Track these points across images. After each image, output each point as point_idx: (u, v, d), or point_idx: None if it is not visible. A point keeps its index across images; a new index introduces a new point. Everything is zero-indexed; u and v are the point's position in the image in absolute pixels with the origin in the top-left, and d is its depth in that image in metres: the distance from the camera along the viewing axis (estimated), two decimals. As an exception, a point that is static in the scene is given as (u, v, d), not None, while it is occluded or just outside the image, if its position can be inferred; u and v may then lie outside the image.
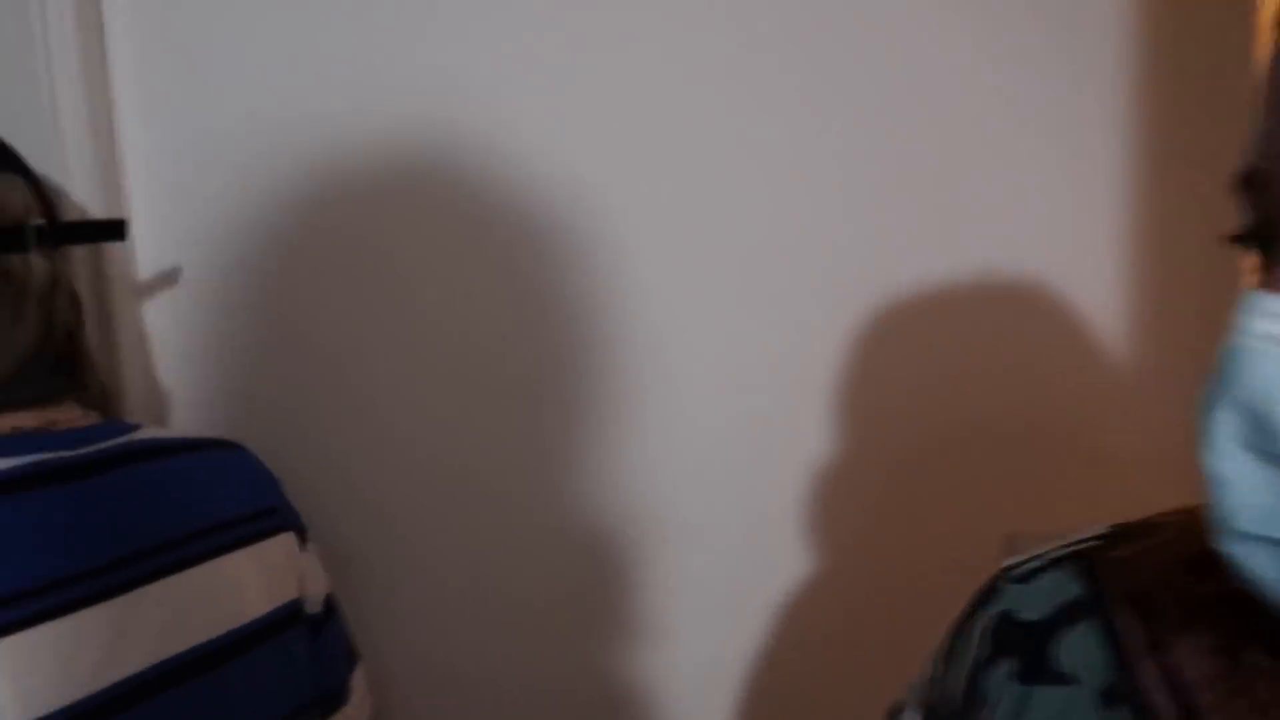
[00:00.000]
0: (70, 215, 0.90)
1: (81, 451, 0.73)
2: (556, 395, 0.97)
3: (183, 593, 0.74)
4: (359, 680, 0.91)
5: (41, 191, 0.79)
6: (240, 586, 0.78)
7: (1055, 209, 0.89)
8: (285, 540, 0.84)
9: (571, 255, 0.95)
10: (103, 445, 0.75)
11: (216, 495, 0.80)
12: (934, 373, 0.92)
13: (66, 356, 0.78)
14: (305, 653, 0.83)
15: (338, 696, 0.87)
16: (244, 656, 0.77)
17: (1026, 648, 0.43)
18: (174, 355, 1.03)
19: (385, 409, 1.00)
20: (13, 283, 0.74)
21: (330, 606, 0.88)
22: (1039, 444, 0.92)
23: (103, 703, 0.68)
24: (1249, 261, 0.35)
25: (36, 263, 0.76)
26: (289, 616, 0.82)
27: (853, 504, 0.95)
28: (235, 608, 0.77)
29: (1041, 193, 0.89)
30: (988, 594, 0.47)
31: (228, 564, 0.77)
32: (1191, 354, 0.87)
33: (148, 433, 0.79)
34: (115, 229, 0.85)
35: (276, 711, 0.80)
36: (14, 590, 0.66)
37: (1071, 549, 0.46)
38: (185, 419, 1.01)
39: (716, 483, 0.96)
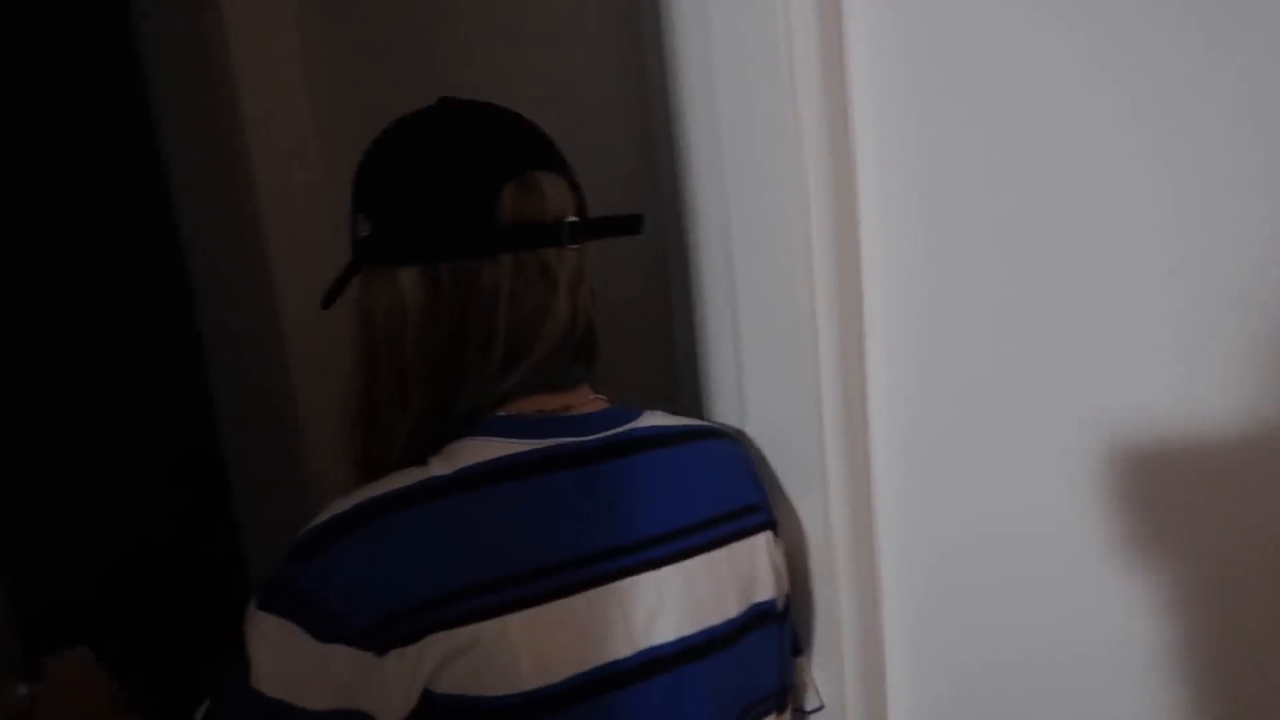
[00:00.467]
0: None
1: (594, 437, 0.78)
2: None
3: (681, 583, 0.77)
4: (806, 674, 0.92)
5: (577, 188, 0.83)
6: (727, 581, 0.80)
7: None
8: (765, 538, 0.84)
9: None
10: (612, 432, 0.79)
11: (711, 487, 0.82)
12: None
13: (585, 345, 0.82)
14: (774, 651, 0.85)
15: (788, 693, 0.89)
16: (723, 652, 0.79)
17: None
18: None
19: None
20: (548, 274, 0.79)
21: (786, 603, 0.88)
22: None
23: (602, 678, 0.73)
24: None
25: (568, 256, 0.80)
26: (764, 615, 0.83)
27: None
28: (722, 602, 0.79)
29: None
30: None
31: (719, 558, 0.80)
32: None
33: (649, 420, 0.83)
34: (632, 223, 0.85)
35: (758, 694, 0.83)
36: (532, 568, 0.71)
37: None
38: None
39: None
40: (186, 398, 1.70)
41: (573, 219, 0.81)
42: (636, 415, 0.84)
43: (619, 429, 0.81)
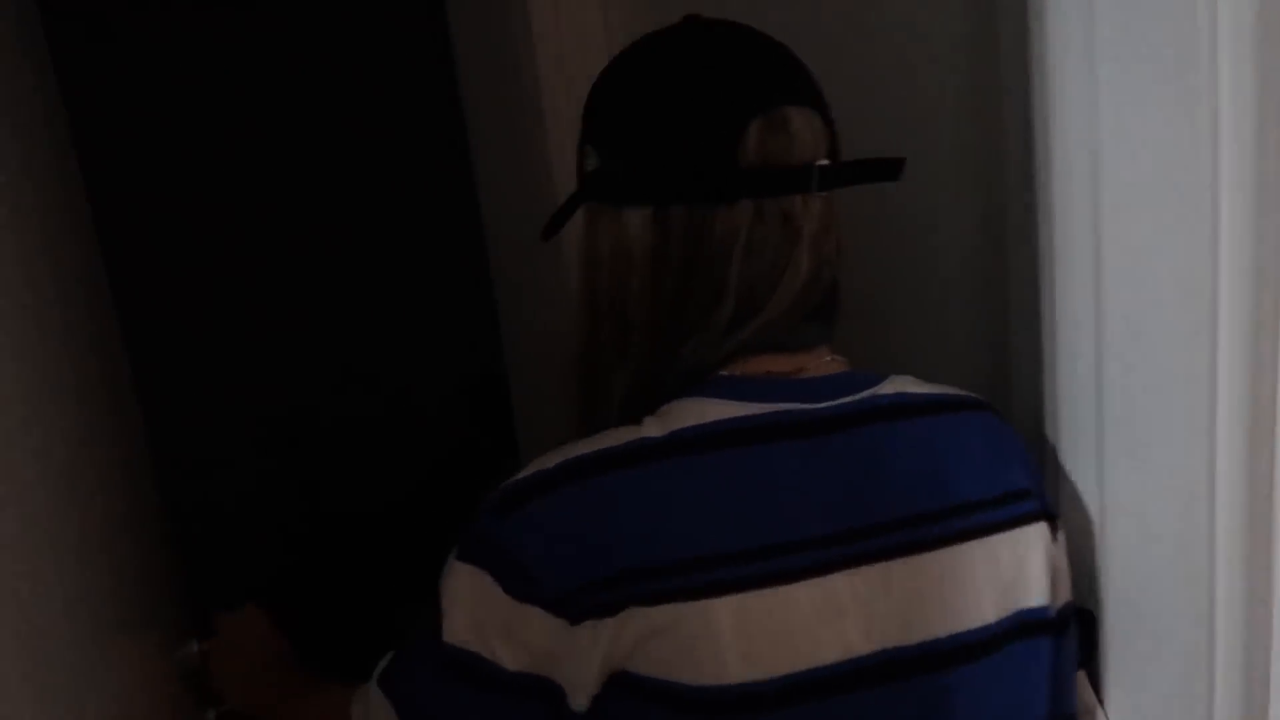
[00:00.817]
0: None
1: (827, 405, 0.71)
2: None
3: (917, 579, 0.69)
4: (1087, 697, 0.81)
5: (830, 125, 0.74)
6: (980, 580, 0.71)
7: None
8: (1037, 531, 0.74)
9: None
10: (849, 399, 0.72)
11: (964, 467, 0.73)
12: None
13: (826, 303, 0.74)
14: (1043, 668, 0.74)
15: None
16: (972, 664, 0.70)
17: None
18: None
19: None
20: (791, 224, 0.71)
21: (1066, 613, 0.77)
22: None
23: (821, 679, 0.66)
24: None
25: (815, 204, 0.72)
26: (1032, 623, 0.73)
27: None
28: (971, 604, 0.71)
29: None
30: None
31: (970, 552, 0.71)
32: None
33: (894, 385, 0.74)
34: (891, 168, 0.74)
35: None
36: (745, 548, 0.66)
37: None
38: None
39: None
40: (479, 338, 1.76)
41: (823, 162, 0.71)
42: (879, 380, 0.75)
43: (857, 395, 0.73)
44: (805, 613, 0.66)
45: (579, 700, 0.66)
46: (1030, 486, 0.75)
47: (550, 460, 0.69)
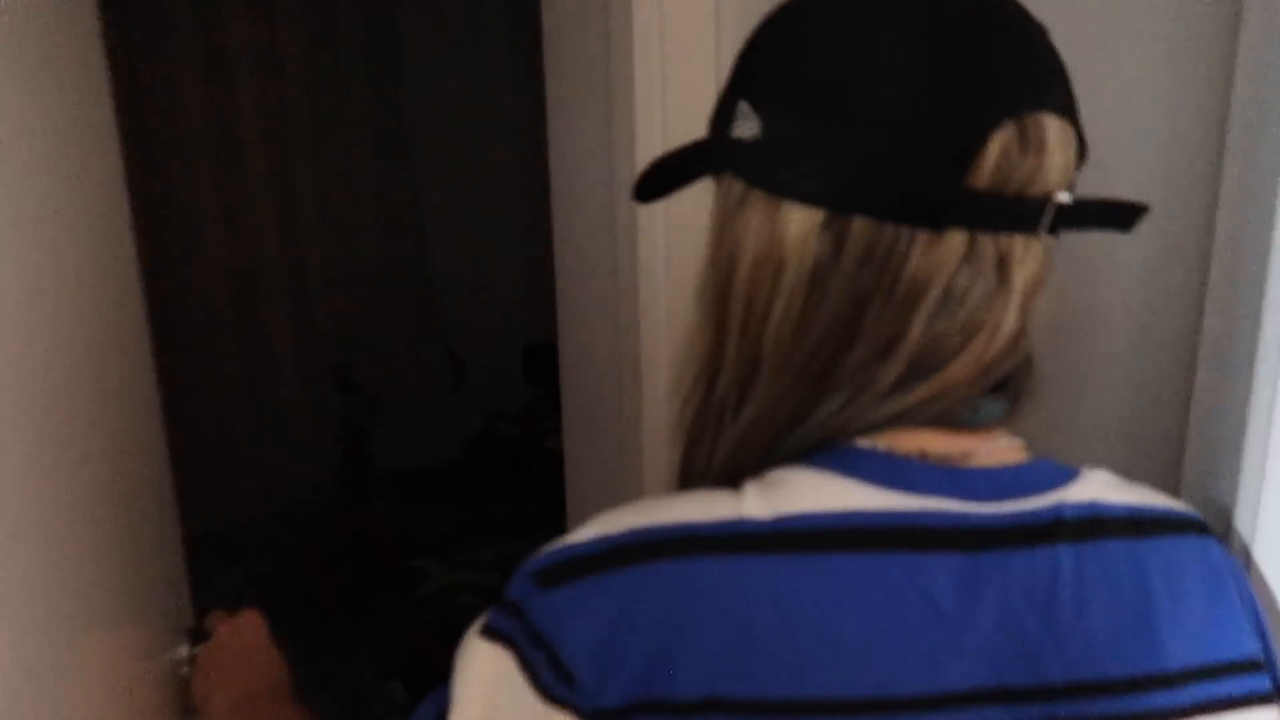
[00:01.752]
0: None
1: (999, 510, 0.52)
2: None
3: None
4: None
5: (1083, 145, 0.54)
6: None
7: None
8: (1267, 716, 0.55)
9: None
10: (1026, 505, 0.53)
11: (1180, 618, 0.54)
12: None
13: (1017, 376, 0.57)
14: None
15: None
16: None
17: None
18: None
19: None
20: (1005, 270, 0.52)
21: None
22: None
23: None
24: None
25: (1034, 249, 0.53)
26: None
27: None
28: None
29: None
30: None
31: None
32: None
33: (1087, 488, 0.55)
34: (1128, 214, 0.55)
35: None
36: (862, 696, 0.49)
37: None
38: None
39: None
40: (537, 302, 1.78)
41: (1064, 197, 0.52)
42: (1070, 476, 0.55)
43: (1038, 501, 0.53)
44: None
45: None
46: (1258, 655, 0.56)
47: (616, 524, 0.52)
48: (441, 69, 3.44)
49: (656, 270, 1.18)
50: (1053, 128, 0.51)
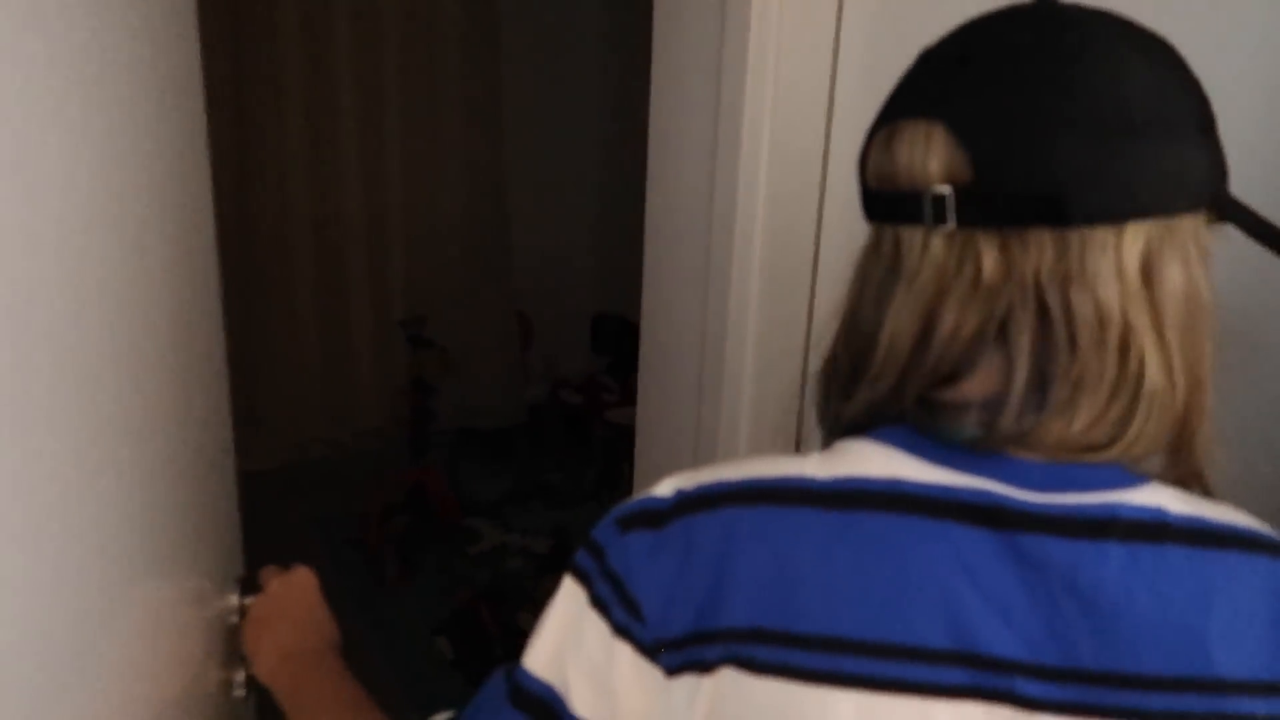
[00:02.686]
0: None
1: (1045, 500, 0.55)
2: None
3: None
4: None
5: (1222, 175, 0.57)
6: None
7: None
8: None
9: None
10: (1080, 499, 0.55)
11: (1236, 631, 0.53)
12: None
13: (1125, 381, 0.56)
14: None
15: None
16: None
17: None
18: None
19: None
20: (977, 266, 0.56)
21: None
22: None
23: None
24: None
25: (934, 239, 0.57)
26: None
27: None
28: None
29: None
30: None
31: None
32: None
33: (1158, 496, 0.56)
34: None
35: None
36: (888, 642, 0.53)
37: None
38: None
39: None
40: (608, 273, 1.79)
41: (941, 189, 0.56)
42: (1136, 483, 0.56)
43: (1093, 496, 0.55)
44: None
45: None
46: None
47: (692, 479, 0.60)
48: (537, 37, 3.44)
49: (752, 250, 1.16)
50: (917, 130, 0.57)
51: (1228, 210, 0.58)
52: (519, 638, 2.67)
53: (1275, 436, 0.95)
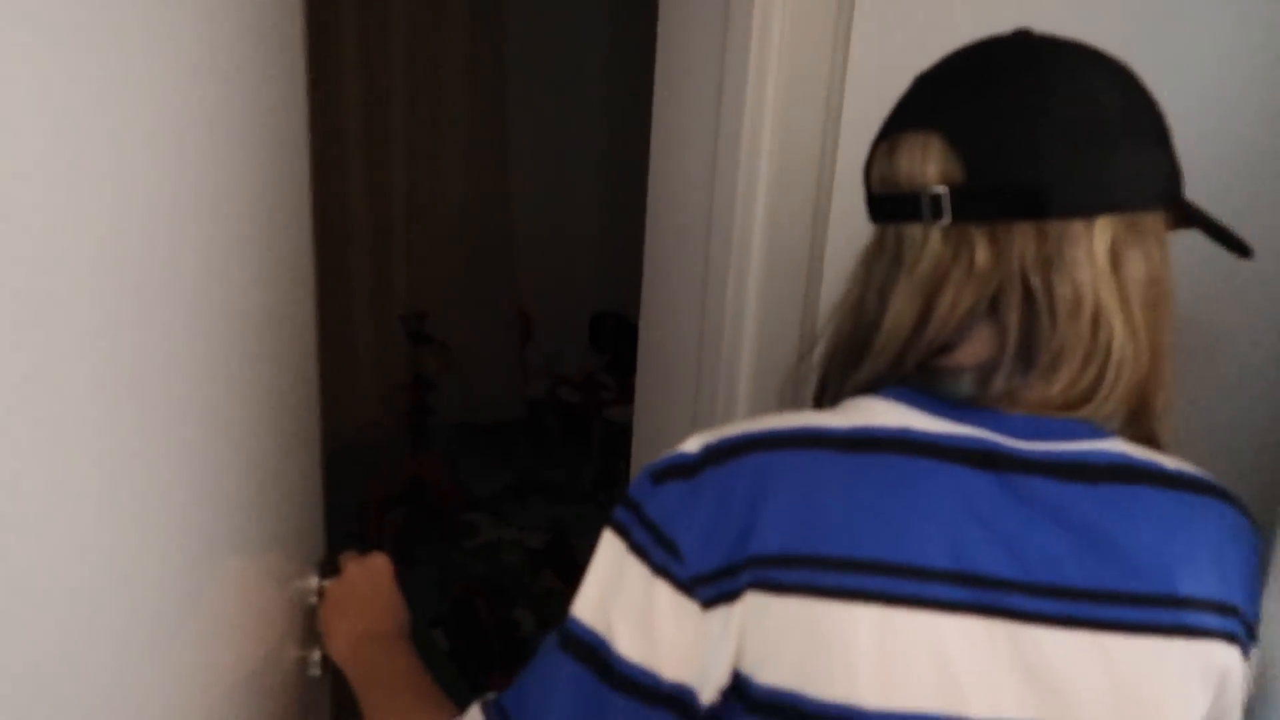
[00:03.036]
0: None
1: (1032, 447, 0.64)
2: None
3: (1096, 659, 0.61)
4: None
5: (1177, 181, 0.68)
6: (1168, 687, 0.62)
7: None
8: (1226, 652, 0.64)
9: None
10: (1061, 446, 0.64)
11: (1194, 558, 0.63)
12: None
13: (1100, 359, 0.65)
14: None
15: None
16: None
17: None
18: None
19: None
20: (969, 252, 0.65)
21: None
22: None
23: None
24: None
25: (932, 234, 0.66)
26: None
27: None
28: (1153, 711, 0.62)
29: None
30: None
31: (1185, 651, 0.62)
32: None
33: (1117, 445, 0.66)
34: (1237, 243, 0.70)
35: None
36: (905, 562, 0.60)
37: None
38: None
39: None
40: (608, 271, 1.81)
41: (938, 189, 0.65)
42: (1103, 435, 0.66)
43: (1071, 444, 0.64)
44: (954, 651, 0.60)
45: (708, 694, 0.62)
46: (1240, 603, 0.65)
47: (716, 434, 0.65)
48: (541, 36, 3.45)
49: (751, 252, 1.17)
50: (915, 139, 0.66)
51: (1185, 211, 0.68)
52: (514, 631, 2.69)
53: (1236, 421, 0.99)
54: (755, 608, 0.60)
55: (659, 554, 0.63)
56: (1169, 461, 0.67)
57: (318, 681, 1.00)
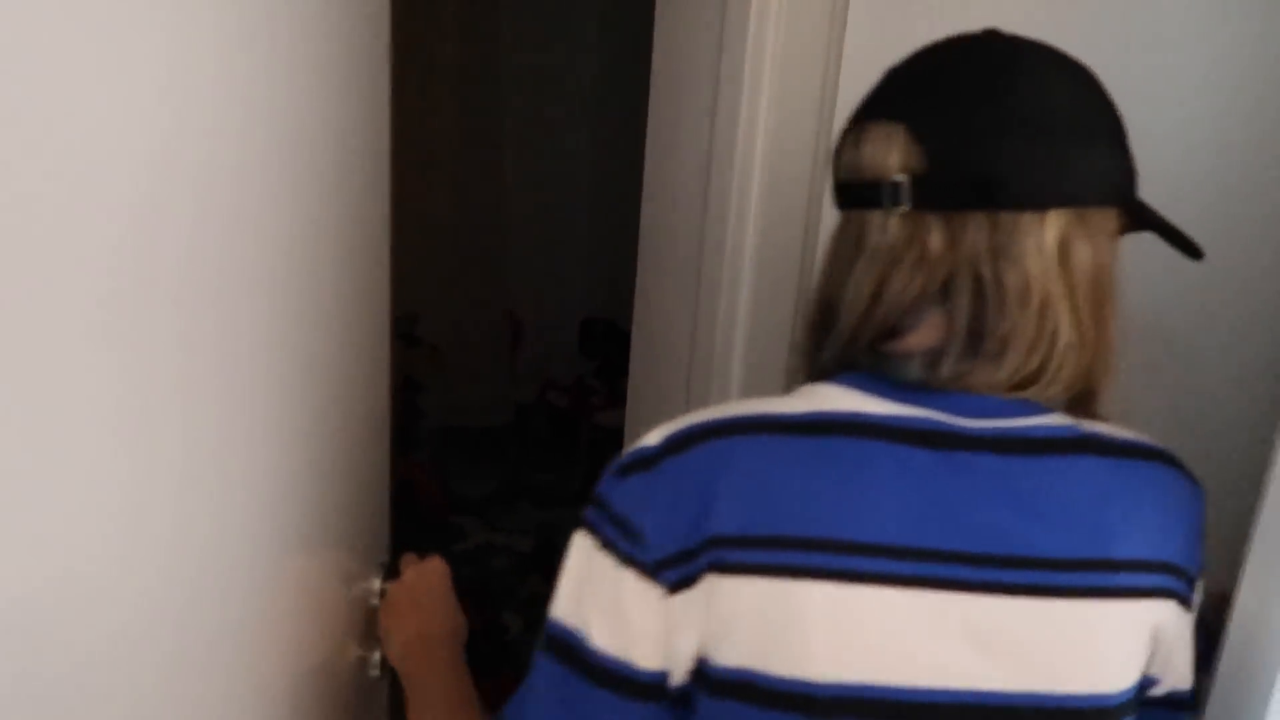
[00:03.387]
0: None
1: (978, 424, 0.66)
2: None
3: (1056, 625, 0.64)
4: None
5: (1130, 181, 0.69)
6: (1107, 646, 0.65)
7: None
8: (1168, 608, 0.67)
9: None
10: (1006, 423, 0.66)
11: (1132, 522, 0.66)
12: None
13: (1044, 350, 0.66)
14: None
15: None
16: None
17: None
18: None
19: None
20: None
21: (1185, 695, 0.73)
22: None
23: (907, 705, 0.62)
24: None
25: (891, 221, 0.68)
26: (1144, 700, 0.71)
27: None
28: (1114, 670, 0.66)
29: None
30: None
31: (1120, 612, 0.65)
32: None
33: (1061, 419, 0.68)
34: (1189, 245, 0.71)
35: None
36: (847, 540, 0.62)
37: None
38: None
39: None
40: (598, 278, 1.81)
41: (898, 178, 0.67)
42: (1048, 412, 0.68)
43: (1016, 421, 0.67)
44: (904, 623, 0.62)
45: (677, 678, 0.65)
46: (1184, 565, 0.68)
47: (676, 424, 0.67)
48: (534, 42, 3.45)
49: (743, 259, 1.18)
50: (879, 129, 0.68)
51: (1137, 212, 0.69)
52: (502, 635, 2.67)
53: (1216, 425, 1.00)
54: (714, 589, 0.62)
55: (625, 545, 0.65)
56: (1113, 430, 0.69)
57: (376, 682, 1.01)
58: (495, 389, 3.59)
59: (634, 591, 0.64)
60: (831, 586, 0.61)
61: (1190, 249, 0.72)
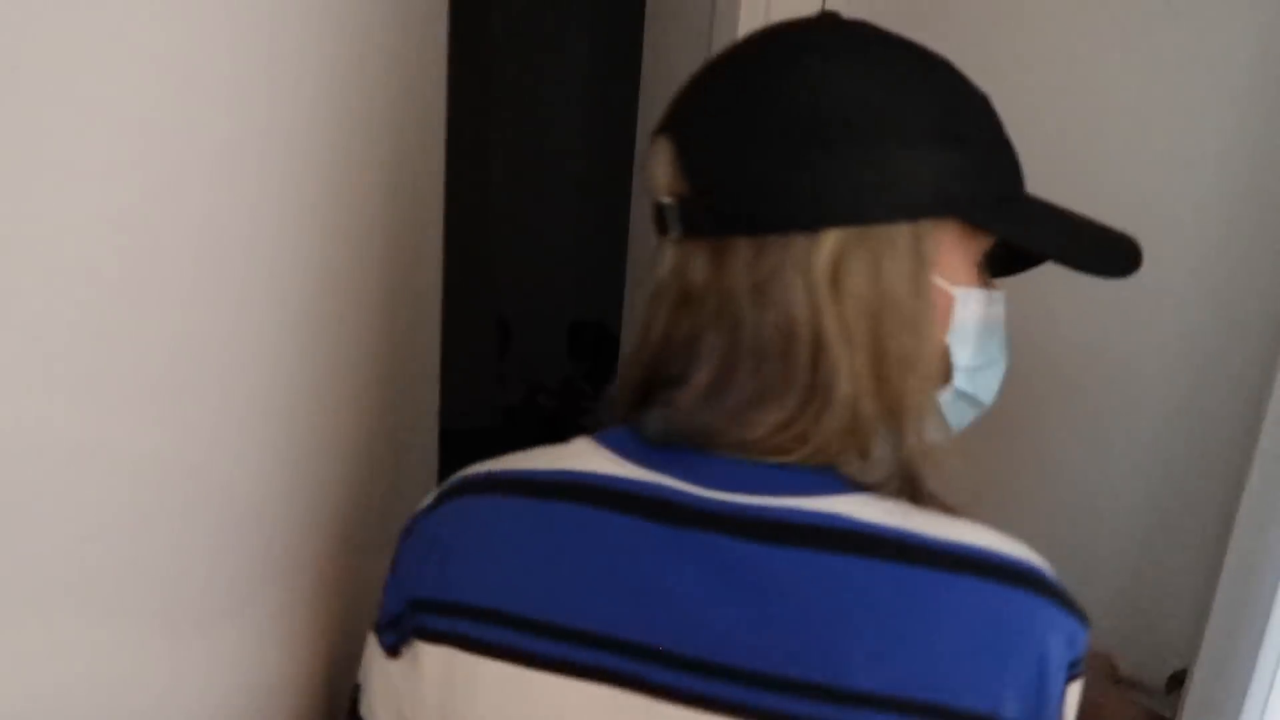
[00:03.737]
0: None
1: (724, 498, 0.55)
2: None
3: None
4: None
5: (963, 184, 0.56)
6: None
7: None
8: None
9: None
10: (760, 500, 0.55)
11: (876, 642, 0.52)
12: None
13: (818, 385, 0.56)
14: None
15: None
16: None
17: None
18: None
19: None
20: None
21: None
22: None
23: None
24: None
25: (668, 248, 0.60)
26: None
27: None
28: None
29: None
30: None
31: None
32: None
33: (849, 505, 0.54)
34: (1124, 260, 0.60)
35: None
36: (537, 618, 0.56)
37: None
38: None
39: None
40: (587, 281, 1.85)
41: (664, 199, 0.61)
42: (837, 489, 0.55)
43: (775, 500, 0.54)
44: (574, 717, 0.55)
45: None
46: (979, 705, 0.51)
47: (454, 477, 0.64)
48: (524, 43, 3.45)
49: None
50: (656, 145, 0.59)
51: (985, 221, 0.57)
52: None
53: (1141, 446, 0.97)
54: (417, 656, 0.60)
55: (380, 610, 0.64)
56: (935, 527, 0.54)
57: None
58: (483, 392, 3.58)
59: (372, 656, 0.64)
60: (509, 667, 0.56)
61: (1104, 266, 0.60)
